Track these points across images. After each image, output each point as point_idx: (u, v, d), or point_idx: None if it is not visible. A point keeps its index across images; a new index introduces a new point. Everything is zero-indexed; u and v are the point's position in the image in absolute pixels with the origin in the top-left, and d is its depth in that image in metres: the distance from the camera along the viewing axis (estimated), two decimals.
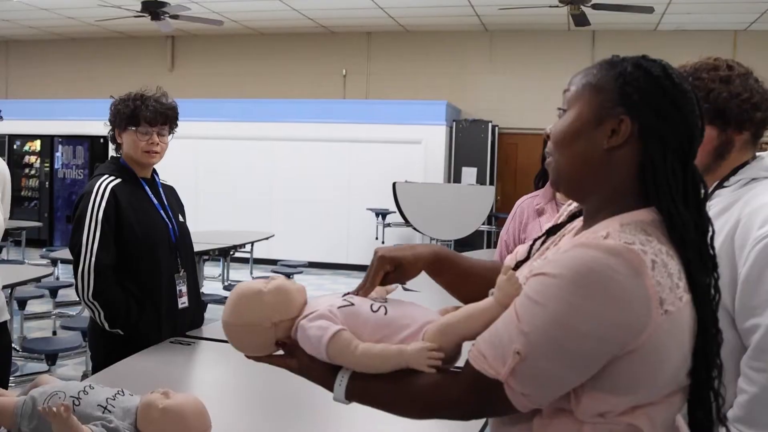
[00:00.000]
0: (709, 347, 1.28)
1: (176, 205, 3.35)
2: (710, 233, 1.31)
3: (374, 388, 1.35)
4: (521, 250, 1.60)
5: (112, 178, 3.09)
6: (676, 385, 1.28)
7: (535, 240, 1.58)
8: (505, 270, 1.31)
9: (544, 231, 1.58)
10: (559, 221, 1.58)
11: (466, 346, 1.35)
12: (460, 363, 1.34)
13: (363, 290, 1.47)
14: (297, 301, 1.43)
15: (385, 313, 1.38)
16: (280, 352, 1.45)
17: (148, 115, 3.09)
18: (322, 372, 1.39)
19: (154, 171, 3.29)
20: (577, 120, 1.36)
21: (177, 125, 3.23)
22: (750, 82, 1.93)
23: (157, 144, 3.14)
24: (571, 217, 1.54)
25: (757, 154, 1.97)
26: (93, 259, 2.94)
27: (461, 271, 1.60)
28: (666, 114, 1.30)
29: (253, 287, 1.44)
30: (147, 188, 3.19)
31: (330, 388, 1.39)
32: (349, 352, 1.33)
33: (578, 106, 1.37)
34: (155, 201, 3.19)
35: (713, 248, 1.31)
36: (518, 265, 1.54)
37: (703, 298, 1.27)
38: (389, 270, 1.49)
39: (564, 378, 1.23)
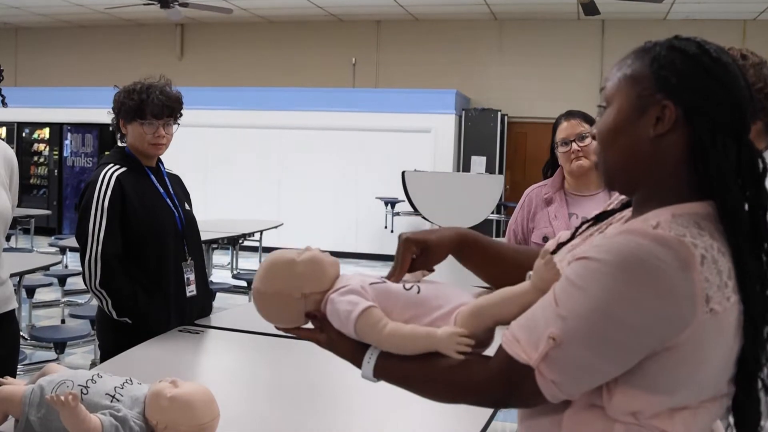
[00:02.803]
0: (755, 353, 1.21)
1: (182, 194, 3.35)
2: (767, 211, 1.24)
3: (403, 367, 1.32)
4: (564, 234, 1.55)
5: (117, 167, 3.08)
6: (715, 391, 1.23)
7: (582, 224, 1.52)
8: (543, 254, 1.27)
9: (591, 216, 1.52)
10: (609, 208, 1.51)
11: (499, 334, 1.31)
12: (491, 351, 1.30)
13: (394, 276, 1.43)
14: (329, 273, 1.41)
15: (418, 292, 1.36)
16: (310, 325, 1.43)
17: (155, 110, 3.09)
18: (351, 348, 1.36)
19: (159, 160, 3.29)
20: (618, 114, 1.31)
21: (182, 114, 3.23)
22: (764, 72, 1.93)
23: (163, 136, 3.14)
24: (623, 206, 1.47)
25: None
26: (99, 248, 2.94)
27: (489, 254, 1.55)
28: (709, 92, 1.24)
29: (286, 256, 1.42)
30: (152, 177, 3.19)
31: (358, 365, 1.36)
32: (377, 330, 1.31)
33: (617, 101, 1.31)
34: (161, 189, 3.19)
35: None
36: (559, 247, 1.49)
37: (753, 294, 1.19)
38: (416, 253, 1.45)
39: (597, 368, 1.19)
